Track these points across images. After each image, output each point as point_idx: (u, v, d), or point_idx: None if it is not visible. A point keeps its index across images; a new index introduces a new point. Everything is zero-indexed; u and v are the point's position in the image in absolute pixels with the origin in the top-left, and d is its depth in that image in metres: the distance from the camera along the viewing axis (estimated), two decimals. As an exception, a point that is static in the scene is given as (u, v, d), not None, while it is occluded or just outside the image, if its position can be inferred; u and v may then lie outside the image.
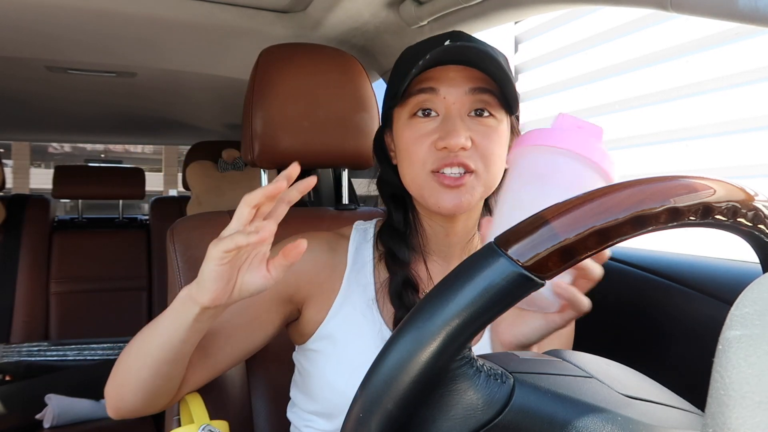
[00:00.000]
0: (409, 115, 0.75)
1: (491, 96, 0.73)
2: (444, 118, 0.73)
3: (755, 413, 0.23)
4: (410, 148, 0.74)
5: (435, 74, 0.73)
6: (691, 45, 1.75)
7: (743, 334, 0.25)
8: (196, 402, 0.81)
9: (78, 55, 1.65)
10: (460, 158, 0.71)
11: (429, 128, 0.73)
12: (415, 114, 0.74)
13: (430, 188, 0.74)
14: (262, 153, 1.03)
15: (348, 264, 0.81)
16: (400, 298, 0.77)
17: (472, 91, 0.73)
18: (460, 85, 0.73)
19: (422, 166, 0.73)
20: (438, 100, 0.73)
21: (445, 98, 0.73)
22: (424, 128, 0.74)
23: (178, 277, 0.97)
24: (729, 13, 0.67)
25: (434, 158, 0.72)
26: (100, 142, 5.28)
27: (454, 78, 0.73)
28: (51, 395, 1.82)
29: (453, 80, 0.73)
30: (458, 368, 0.37)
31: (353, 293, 0.79)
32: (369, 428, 0.36)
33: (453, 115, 0.72)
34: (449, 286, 0.36)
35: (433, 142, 0.72)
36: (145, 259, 2.66)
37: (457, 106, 0.73)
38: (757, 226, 0.40)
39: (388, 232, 0.82)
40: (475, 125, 0.73)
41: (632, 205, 0.36)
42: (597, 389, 0.40)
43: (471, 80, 0.73)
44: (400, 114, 0.77)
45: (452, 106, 0.73)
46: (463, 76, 0.73)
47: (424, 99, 0.73)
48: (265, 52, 1.06)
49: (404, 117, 0.76)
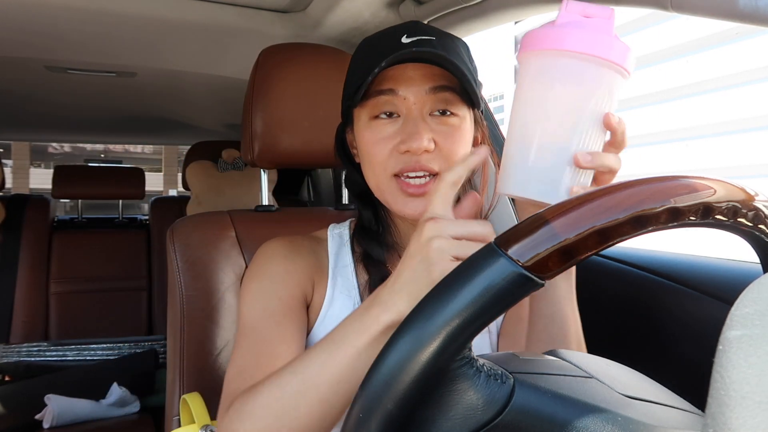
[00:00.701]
0: (369, 117, 0.73)
1: (452, 93, 0.71)
2: (405, 119, 0.71)
3: (755, 413, 0.23)
4: (371, 151, 0.72)
5: (393, 73, 0.70)
6: (691, 45, 1.76)
7: (743, 334, 0.25)
8: (196, 402, 0.81)
9: (78, 55, 1.65)
10: (423, 163, 0.69)
11: (390, 131, 0.71)
12: (377, 116, 0.72)
13: (393, 194, 0.72)
14: (262, 153, 1.03)
15: (330, 268, 0.80)
16: None
17: (433, 90, 0.70)
18: (420, 84, 0.70)
19: (384, 170, 0.71)
20: (398, 101, 0.71)
21: (406, 99, 0.70)
22: (385, 131, 0.71)
23: (178, 277, 0.97)
24: (729, 13, 0.67)
25: (396, 162, 0.71)
26: (100, 142, 5.28)
27: (413, 77, 0.70)
28: (51, 395, 1.82)
29: (412, 79, 0.70)
30: (458, 368, 0.37)
31: (337, 299, 0.78)
32: (369, 428, 0.36)
33: (414, 116, 0.70)
34: (449, 286, 0.36)
35: (395, 145, 0.70)
36: (145, 259, 2.66)
37: (418, 106, 0.71)
38: (757, 226, 0.40)
39: (361, 232, 0.81)
40: (438, 125, 0.71)
41: (632, 205, 0.36)
42: (597, 389, 0.40)
43: (430, 78, 0.70)
44: (360, 114, 0.74)
45: (413, 107, 0.70)
46: (422, 75, 0.70)
47: (384, 101, 0.71)
48: (265, 52, 1.06)
49: (364, 118, 0.73)
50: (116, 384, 1.94)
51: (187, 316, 0.96)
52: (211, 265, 0.98)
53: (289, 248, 0.79)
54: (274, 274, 0.76)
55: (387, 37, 0.72)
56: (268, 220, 1.07)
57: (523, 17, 1.18)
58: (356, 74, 0.74)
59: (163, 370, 1.96)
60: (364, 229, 0.81)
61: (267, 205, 1.12)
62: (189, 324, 0.96)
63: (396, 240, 0.81)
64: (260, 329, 0.71)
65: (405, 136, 0.69)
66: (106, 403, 1.90)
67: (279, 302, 0.74)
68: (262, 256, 0.79)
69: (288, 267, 0.77)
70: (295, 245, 0.80)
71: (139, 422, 1.89)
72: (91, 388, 1.93)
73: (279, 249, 0.79)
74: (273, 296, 0.74)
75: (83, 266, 2.52)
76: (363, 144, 0.74)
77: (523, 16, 1.17)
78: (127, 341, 2.25)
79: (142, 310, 2.59)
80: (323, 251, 0.82)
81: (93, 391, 1.91)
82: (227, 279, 0.98)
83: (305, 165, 1.11)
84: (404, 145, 0.69)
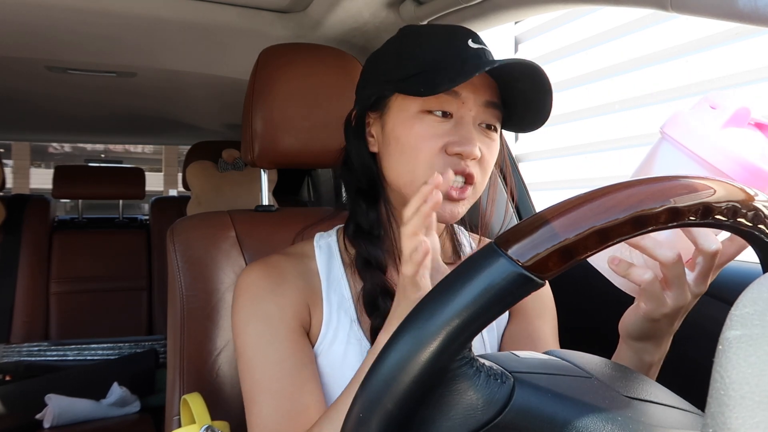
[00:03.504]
0: (421, 109, 0.70)
1: (500, 111, 0.73)
2: (458, 122, 0.70)
3: (755, 413, 0.23)
4: (418, 145, 0.70)
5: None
6: (691, 45, 1.76)
7: (743, 334, 0.25)
8: (197, 402, 0.81)
9: (78, 55, 1.65)
10: (469, 168, 0.70)
11: (443, 129, 0.70)
12: (430, 111, 0.70)
13: None
14: (262, 153, 1.03)
15: (323, 288, 0.77)
16: (376, 305, 0.73)
17: (488, 104, 0.71)
18: (481, 94, 0.71)
19: (429, 167, 0.69)
20: (457, 103, 0.70)
21: (464, 104, 0.70)
22: (438, 128, 0.70)
23: (178, 277, 0.97)
24: (729, 13, 0.67)
25: (443, 162, 0.69)
26: (100, 142, 5.28)
27: (476, 85, 0.70)
28: (51, 395, 1.82)
29: (475, 87, 0.70)
30: (458, 368, 0.37)
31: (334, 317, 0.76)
32: (369, 428, 0.36)
33: (468, 121, 0.70)
34: (449, 285, 0.36)
35: (445, 144, 0.69)
36: (145, 259, 2.66)
37: (473, 113, 0.71)
38: (757, 226, 0.40)
39: (357, 234, 0.77)
40: (482, 137, 0.72)
41: (632, 205, 0.36)
42: (597, 389, 0.40)
43: (489, 91, 0.71)
44: (405, 104, 0.72)
45: (468, 113, 0.71)
46: (484, 85, 0.71)
47: (445, 99, 0.70)
48: (265, 52, 1.06)
49: (413, 109, 0.71)
50: (116, 384, 1.94)
51: (187, 316, 0.96)
52: (211, 265, 0.98)
53: (274, 279, 0.75)
54: (268, 315, 0.73)
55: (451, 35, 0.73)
56: (268, 220, 1.07)
57: (523, 17, 1.18)
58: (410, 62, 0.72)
59: (163, 370, 1.95)
60: (362, 231, 0.77)
61: (267, 205, 1.12)
62: (189, 324, 0.96)
63: (395, 244, 0.77)
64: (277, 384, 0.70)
65: (459, 139, 0.69)
66: (106, 402, 1.91)
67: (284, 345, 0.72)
68: (247, 294, 0.75)
69: (279, 302, 0.74)
70: (279, 272, 0.76)
71: (139, 422, 1.89)
72: (91, 387, 1.93)
73: (263, 284, 0.75)
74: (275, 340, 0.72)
75: (83, 266, 2.52)
76: (408, 136, 0.71)
77: (523, 16, 1.17)
78: (128, 341, 2.25)
79: (142, 310, 2.59)
80: (311, 271, 0.78)
81: (93, 391, 1.91)
82: (227, 279, 0.98)
83: (305, 165, 1.11)
84: (458, 147, 0.68)
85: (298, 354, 0.72)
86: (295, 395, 0.70)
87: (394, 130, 0.73)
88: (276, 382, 0.70)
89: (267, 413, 0.69)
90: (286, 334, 0.73)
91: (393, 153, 0.73)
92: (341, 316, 0.76)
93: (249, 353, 0.72)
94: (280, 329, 0.73)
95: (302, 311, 0.75)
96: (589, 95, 2.13)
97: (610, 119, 2.05)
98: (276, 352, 0.71)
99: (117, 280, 2.58)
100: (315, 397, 0.71)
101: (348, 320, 0.76)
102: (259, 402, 0.70)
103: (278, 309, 0.74)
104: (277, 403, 0.69)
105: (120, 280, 2.58)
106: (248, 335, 0.73)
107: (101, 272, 2.55)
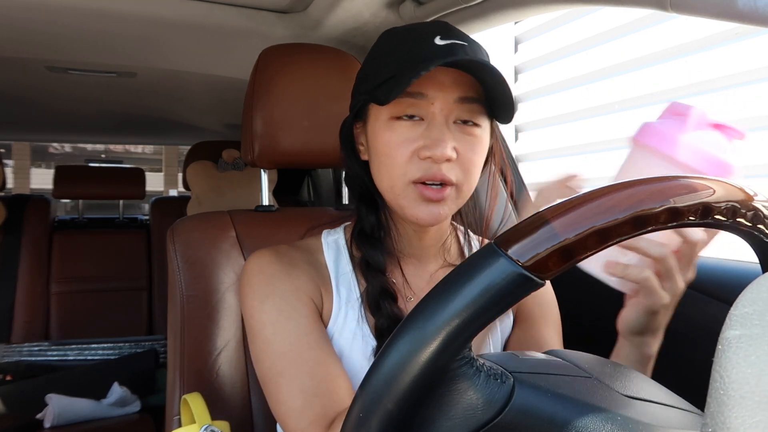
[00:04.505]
0: (390, 117, 0.69)
1: (479, 105, 0.69)
2: (429, 124, 0.68)
3: (755, 413, 0.23)
4: (391, 153, 0.69)
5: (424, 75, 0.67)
6: (691, 45, 1.76)
7: (743, 334, 0.25)
8: (197, 402, 0.81)
9: (78, 55, 1.65)
10: (443, 172, 0.68)
11: (413, 134, 0.68)
12: (398, 117, 0.69)
13: (409, 199, 0.70)
14: (262, 153, 1.03)
15: (332, 279, 0.77)
16: (378, 307, 0.74)
17: (461, 100, 0.68)
18: (450, 91, 0.68)
19: (403, 174, 0.69)
20: (425, 104, 0.68)
21: (433, 104, 0.68)
22: (407, 133, 0.68)
23: (178, 277, 0.97)
24: (729, 13, 0.67)
25: (416, 168, 0.68)
26: (100, 142, 5.28)
27: (444, 82, 0.68)
28: (51, 395, 1.82)
29: (442, 84, 0.68)
30: (458, 368, 0.37)
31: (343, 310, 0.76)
32: (369, 428, 0.36)
33: (439, 122, 0.68)
34: (449, 285, 0.36)
35: (415, 149, 0.68)
36: (145, 259, 2.66)
37: (445, 113, 0.68)
38: (756, 226, 0.40)
39: (360, 237, 0.78)
40: (460, 134, 0.69)
41: (632, 205, 0.36)
42: (597, 389, 0.40)
43: (461, 87, 0.68)
44: (379, 112, 0.71)
45: (439, 113, 0.68)
46: (453, 81, 0.68)
47: (410, 103, 0.68)
48: (265, 52, 1.06)
49: (384, 117, 0.70)
50: (117, 384, 1.94)
51: (187, 316, 0.96)
52: (211, 265, 0.98)
53: (287, 263, 0.75)
54: (285, 293, 0.72)
55: (417, 35, 0.70)
56: (268, 220, 1.07)
57: (523, 17, 1.18)
58: (381, 69, 0.70)
59: (164, 370, 1.96)
60: (364, 234, 0.78)
61: (267, 205, 1.12)
62: (189, 324, 0.96)
63: (396, 246, 0.78)
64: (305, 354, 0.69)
65: (429, 142, 0.67)
66: (106, 402, 1.91)
67: (305, 321, 0.71)
68: (262, 275, 0.74)
69: (295, 283, 0.73)
70: (290, 259, 0.76)
71: (139, 422, 1.89)
72: (91, 387, 1.93)
73: (276, 266, 0.74)
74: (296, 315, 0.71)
75: (84, 266, 2.52)
76: (381, 144, 0.71)
77: (523, 16, 1.17)
78: (128, 341, 2.25)
79: (142, 310, 2.59)
80: (320, 263, 0.78)
81: (93, 391, 1.91)
82: (227, 279, 0.98)
83: (305, 165, 1.11)
84: (427, 151, 0.67)
85: (320, 329, 0.72)
86: (323, 364, 0.68)
87: (373, 138, 0.73)
88: (304, 352, 0.69)
89: (301, 381, 0.67)
90: (305, 312, 0.72)
91: (374, 161, 0.73)
92: (349, 311, 0.76)
93: (268, 330, 0.70)
94: (298, 306, 0.72)
95: (316, 296, 0.75)
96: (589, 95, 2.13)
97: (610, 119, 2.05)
98: (297, 326, 0.70)
99: (117, 280, 2.58)
100: (340, 367, 0.70)
101: (355, 315, 0.76)
102: (289, 373, 0.68)
103: (295, 288, 0.73)
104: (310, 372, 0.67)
105: (120, 280, 2.58)
106: (266, 312, 0.71)
107: (101, 272, 2.55)
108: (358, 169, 0.78)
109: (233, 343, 0.96)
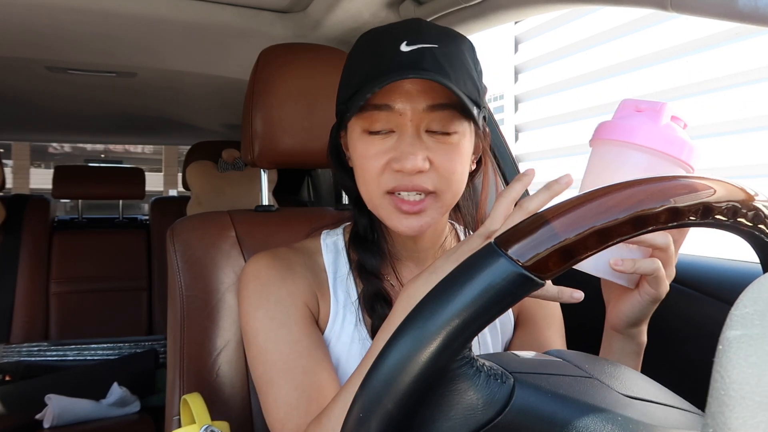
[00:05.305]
0: (362, 130, 0.69)
1: (451, 111, 0.67)
2: (400, 136, 0.67)
3: (756, 413, 0.23)
4: (365, 166, 0.69)
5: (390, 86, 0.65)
6: (691, 45, 1.75)
7: (743, 334, 0.25)
8: (197, 402, 0.81)
9: (78, 55, 1.65)
10: (416, 182, 0.66)
11: (384, 146, 0.67)
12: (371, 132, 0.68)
13: (387, 210, 0.69)
14: (262, 153, 1.03)
15: (330, 282, 0.78)
16: (373, 309, 0.74)
17: (431, 108, 0.66)
18: (417, 100, 0.66)
19: (377, 186, 0.68)
20: (394, 116, 0.66)
21: (402, 115, 0.66)
22: (379, 146, 0.68)
23: (178, 277, 0.97)
24: (729, 13, 0.67)
25: (389, 179, 0.67)
26: (100, 142, 5.28)
27: (411, 92, 0.66)
28: (51, 395, 1.82)
29: (409, 94, 0.66)
30: (458, 368, 0.37)
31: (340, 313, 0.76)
32: (369, 428, 0.36)
33: (409, 133, 0.66)
34: (449, 286, 0.36)
35: (387, 161, 0.67)
36: (145, 259, 2.66)
37: (415, 123, 0.66)
38: (757, 226, 0.40)
39: (355, 240, 0.78)
40: (434, 143, 0.67)
41: (632, 205, 0.36)
42: (597, 389, 0.40)
43: (429, 95, 0.66)
44: (354, 125, 0.70)
45: (408, 124, 0.66)
46: (420, 90, 0.66)
47: (379, 116, 0.67)
48: (265, 52, 1.06)
49: (357, 129, 0.69)
50: (116, 384, 1.94)
51: (187, 317, 0.96)
52: (211, 265, 0.98)
53: (284, 268, 0.75)
54: (279, 299, 0.73)
55: (386, 40, 0.68)
56: (268, 220, 1.07)
57: (523, 17, 1.18)
58: (352, 78, 0.70)
59: (164, 370, 1.96)
60: (359, 237, 0.78)
61: (267, 205, 1.12)
62: (189, 324, 0.96)
63: (390, 249, 0.78)
64: (293, 363, 0.70)
65: (398, 155, 0.66)
66: (106, 403, 1.91)
67: (297, 328, 0.72)
68: (257, 281, 0.75)
69: (290, 289, 0.74)
70: (287, 263, 0.76)
71: (139, 422, 1.89)
72: (91, 388, 1.93)
73: (272, 271, 0.75)
74: (289, 322, 0.72)
75: (83, 266, 2.52)
76: (356, 156, 0.70)
77: (523, 16, 1.17)
78: (128, 341, 2.25)
79: (142, 310, 2.59)
80: (318, 266, 0.79)
81: (93, 391, 1.91)
82: (227, 279, 0.98)
83: (305, 165, 1.11)
84: (397, 164, 0.66)
85: (312, 336, 0.72)
86: (311, 373, 0.69)
87: (351, 149, 0.73)
88: (292, 361, 0.70)
89: (286, 392, 0.69)
90: (298, 319, 0.72)
91: (356, 175, 0.73)
92: (347, 314, 0.76)
93: (261, 338, 0.72)
94: (291, 313, 0.72)
95: (311, 301, 0.76)
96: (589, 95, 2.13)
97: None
98: (289, 333, 0.71)
99: (117, 280, 2.58)
100: (330, 375, 0.71)
101: (353, 318, 0.76)
102: (276, 383, 0.69)
103: (289, 294, 0.74)
104: (295, 382, 0.69)
105: (120, 280, 2.58)
106: (259, 320, 0.72)
107: (101, 272, 2.55)
108: (344, 175, 0.78)
109: (233, 343, 0.96)
